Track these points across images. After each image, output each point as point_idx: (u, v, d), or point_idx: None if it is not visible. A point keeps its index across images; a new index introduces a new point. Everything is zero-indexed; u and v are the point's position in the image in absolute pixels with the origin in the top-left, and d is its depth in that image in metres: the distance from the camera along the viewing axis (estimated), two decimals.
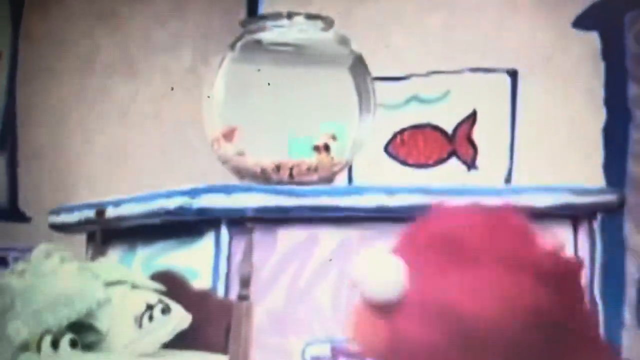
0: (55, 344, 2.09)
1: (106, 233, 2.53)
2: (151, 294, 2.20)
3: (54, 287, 2.12)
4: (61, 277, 2.14)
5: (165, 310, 2.16)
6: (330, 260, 2.29)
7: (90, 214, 2.52)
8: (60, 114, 3.18)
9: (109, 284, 2.17)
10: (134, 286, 2.20)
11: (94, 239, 2.55)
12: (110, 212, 2.47)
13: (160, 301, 2.18)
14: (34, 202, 3.07)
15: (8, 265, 2.62)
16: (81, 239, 2.63)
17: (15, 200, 3.11)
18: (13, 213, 3.08)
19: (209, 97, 2.50)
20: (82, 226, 2.57)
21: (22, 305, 2.09)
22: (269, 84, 2.45)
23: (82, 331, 2.13)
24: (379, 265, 1.42)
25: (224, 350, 2.16)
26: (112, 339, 2.13)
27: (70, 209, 2.61)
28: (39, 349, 2.09)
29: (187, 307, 2.20)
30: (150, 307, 2.15)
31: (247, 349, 2.17)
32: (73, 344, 2.11)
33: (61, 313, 2.09)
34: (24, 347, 2.09)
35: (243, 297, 2.19)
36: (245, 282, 2.20)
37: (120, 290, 2.18)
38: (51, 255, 2.19)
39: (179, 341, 2.20)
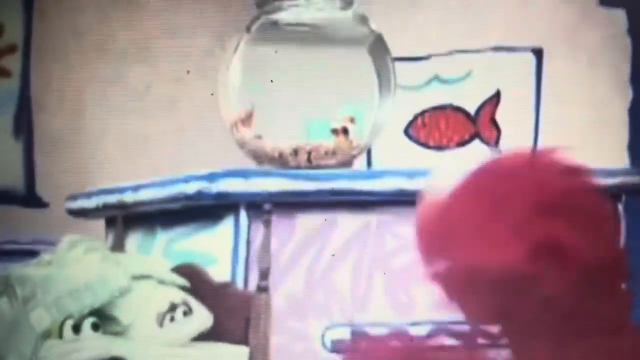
0: (76, 329, 2.09)
1: (126, 218, 2.52)
2: (176, 293, 2.19)
3: (75, 276, 2.11)
4: (83, 266, 2.13)
5: (187, 312, 2.16)
6: (334, 255, 2.28)
7: (108, 199, 2.51)
8: (76, 99, 3.17)
9: (135, 277, 2.16)
10: (161, 282, 2.19)
11: (112, 224, 2.54)
12: (129, 197, 2.47)
13: (184, 302, 2.17)
14: (51, 187, 3.07)
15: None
16: (99, 224, 2.62)
17: (32, 186, 3.11)
18: (30, 199, 3.09)
19: (212, 94, 2.49)
20: (100, 212, 2.57)
21: (43, 293, 2.09)
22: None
23: (104, 320, 2.13)
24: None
25: (244, 341, 2.16)
26: (133, 333, 2.13)
27: (88, 195, 2.61)
28: (61, 334, 2.08)
29: (207, 299, 2.19)
30: (173, 308, 2.15)
31: (266, 339, 2.16)
32: (95, 327, 2.10)
33: (83, 300, 2.08)
34: (47, 334, 2.09)
35: (262, 289, 2.19)
36: (264, 274, 2.19)
37: (147, 285, 2.17)
38: (76, 246, 2.18)
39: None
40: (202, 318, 2.18)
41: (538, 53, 3.16)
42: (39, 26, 3.15)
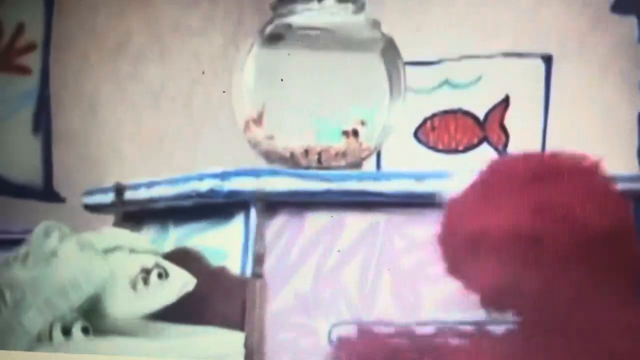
0: (66, 332, 2.10)
1: (139, 214, 2.57)
2: (148, 258, 2.19)
3: (61, 273, 2.11)
4: (64, 260, 2.13)
5: (162, 274, 2.15)
6: (339, 251, 2.31)
7: (123, 195, 2.56)
8: (93, 97, 3.22)
9: (107, 251, 2.17)
10: (132, 250, 2.20)
11: (127, 220, 2.59)
12: (143, 194, 2.51)
13: (157, 265, 2.16)
14: (68, 183, 3.12)
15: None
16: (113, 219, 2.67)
17: (50, 181, 3.16)
18: (48, 193, 3.14)
19: (224, 92, 2.53)
20: (115, 207, 2.61)
21: (33, 295, 2.09)
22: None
23: (94, 317, 2.14)
24: None
25: (240, 326, 2.19)
26: (110, 305, 2.13)
27: (104, 191, 2.66)
28: (51, 338, 2.09)
29: (203, 284, 2.22)
30: (146, 271, 2.15)
31: (262, 324, 2.20)
32: (85, 331, 2.11)
33: (71, 296, 2.08)
34: (39, 338, 2.09)
35: (257, 275, 2.23)
36: (259, 261, 2.23)
37: (118, 256, 2.17)
38: (50, 233, 2.18)
39: (196, 317, 2.22)
40: (182, 280, 2.18)
41: (547, 59, 3.18)
42: (59, 25, 3.20)
